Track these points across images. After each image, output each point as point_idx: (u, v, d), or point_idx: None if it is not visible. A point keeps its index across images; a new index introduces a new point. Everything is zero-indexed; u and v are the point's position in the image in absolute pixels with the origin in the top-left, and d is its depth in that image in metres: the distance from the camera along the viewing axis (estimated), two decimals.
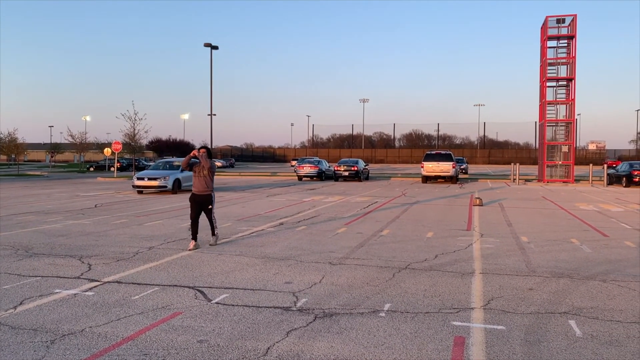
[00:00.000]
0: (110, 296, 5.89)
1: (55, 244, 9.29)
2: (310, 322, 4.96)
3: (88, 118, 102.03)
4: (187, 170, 9.50)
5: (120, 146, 39.06)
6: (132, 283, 6.50)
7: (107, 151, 41.18)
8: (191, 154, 9.17)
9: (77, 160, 64.13)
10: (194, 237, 9.08)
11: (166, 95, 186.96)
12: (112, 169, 46.96)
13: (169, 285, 6.37)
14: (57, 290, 6.12)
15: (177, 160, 24.01)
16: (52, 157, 66.76)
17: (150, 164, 36.61)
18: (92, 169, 54.44)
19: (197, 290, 6.17)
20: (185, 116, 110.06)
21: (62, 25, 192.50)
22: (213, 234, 9.44)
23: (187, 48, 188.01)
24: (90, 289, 6.22)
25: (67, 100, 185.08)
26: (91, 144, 55.66)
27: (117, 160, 42.86)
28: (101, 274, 6.96)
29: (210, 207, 9.33)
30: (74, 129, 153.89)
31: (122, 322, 4.97)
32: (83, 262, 7.73)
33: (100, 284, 6.44)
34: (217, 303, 5.62)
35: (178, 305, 5.53)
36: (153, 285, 6.40)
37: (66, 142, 54.72)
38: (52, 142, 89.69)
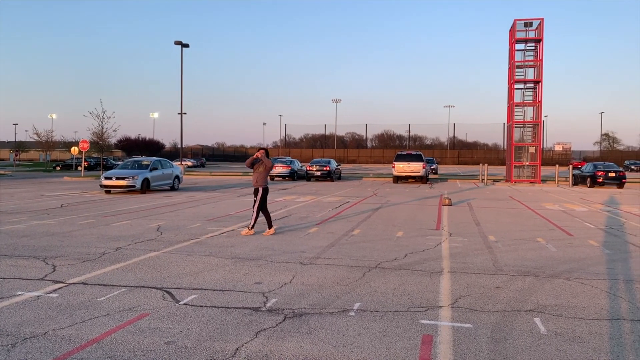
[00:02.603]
0: (75, 298, 5.76)
1: (18, 245, 9.04)
2: (280, 323, 4.94)
3: (54, 116, 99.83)
4: (250, 168, 10.72)
5: (87, 145, 38.26)
6: (98, 284, 6.37)
7: (74, 150, 40.28)
8: (254, 156, 10.62)
9: (42, 159, 62.59)
10: (269, 226, 10.46)
11: (136, 94, 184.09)
12: (79, 168, 45.92)
13: (136, 287, 6.27)
14: (19, 293, 5.95)
15: (146, 160, 23.65)
16: (16, 156, 64.84)
17: (119, 163, 35.90)
18: (58, 168, 53.07)
19: (165, 291, 6.08)
20: (155, 115, 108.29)
21: (28, 22, 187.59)
22: (269, 226, 10.47)
23: (157, 46, 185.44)
24: (55, 290, 6.07)
25: (33, 97, 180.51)
26: (58, 142, 54.28)
27: (85, 159, 41.97)
28: (66, 275, 6.80)
29: (255, 199, 10.41)
30: (40, 127, 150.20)
31: (87, 324, 4.87)
32: (47, 264, 7.54)
33: (65, 286, 6.29)
34: (185, 304, 5.55)
35: (145, 307, 5.44)
36: (120, 286, 6.28)
37: (31, 140, 53.38)
38: (17, 140, 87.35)
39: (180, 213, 14.14)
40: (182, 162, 39.97)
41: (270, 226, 10.48)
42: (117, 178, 20.91)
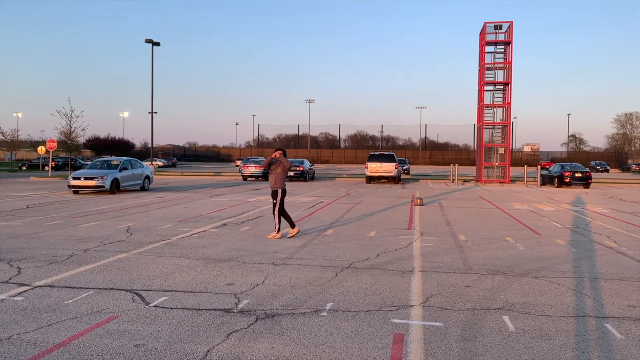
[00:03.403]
0: (41, 301, 5.62)
1: None
2: (252, 324, 4.92)
3: (20, 114, 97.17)
4: (267, 170, 10.54)
5: (55, 144, 37.38)
6: (66, 287, 6.23)
7: (41, 149, 39.33)
8: (272, 156, 10.31)
9: (8, 158, 60.83)
10: (291, 226, 10.23)
11: (105, 93, 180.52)
12: (46, 168, 44.90)
13: (105, 289, 6.15)
14: None
15: (116, 159, 23.23)
16: None
17: (88, 163, 35.18)
18: (24, 168, 51.72)
19: (135, 293, 5.99)
20: (125, 114, 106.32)
21: None
22: (292, 226, 10.23)
23: (128, 44, 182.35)
24: (20, 293, 5.91)
25: None
26: (24, 141, 52.99)
27: (52, 159, 41.00)
28: (32, 278, 6.63)
29: (274, 202, 10.17)
30: (5, 125, 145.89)
31: (53, 327, 4.75)
32: (12, 266, 7.34)
33: (31, 289, 6.13)
34: (155, 306, 5.48)
35: (114, 309, 5.34)
36: (88, 288, 6.16)
37: None
38: None
39: (150, 214, 13.94)
40: (153, 162, 39.45)
41: (293, 225, 10.24)
42: (86, 178, 20.49)
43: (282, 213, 10.24)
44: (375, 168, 30.43)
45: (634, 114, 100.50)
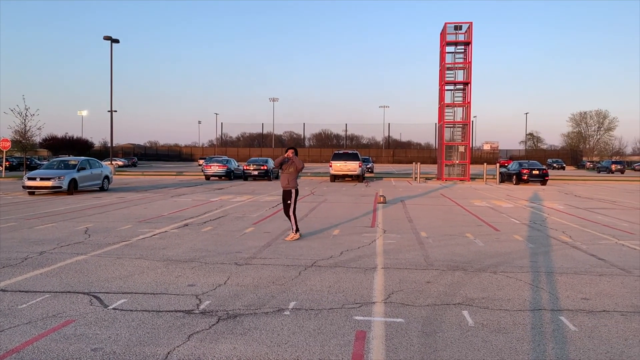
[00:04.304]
0: None
1: None
2: (213, 325, 4.86)
3: None
4: (278, 169, 10.18)
5: (9, 144, 36.05)
6: (19, 291, 6.02)
7: None
8: (284, 156, 10.08)
9: None
10: (294, 230, 9.92)
11: (63, 91, 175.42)
12: None
13: (62, 292, 5.98)
14: None
15: (74, 159, 22.60)
16: None
17: (44, 163, 34.09)
18: None
19: (93, 296, 5.84)
20: (84, 113, 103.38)
21: None
22: (296, 230, 9.93)
23: (86, 41, 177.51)
24: None
25: None
26: None
27: (6, 159, 39.54)
28: None
29: (288, 202, 9.93)
30: None
31: (5, 333, 4.59)
32: None
33: None
34: (114, 309, 5.35)
35: (71, 313, 5.19)
36: (43, 292, 5.97)
37: None
38: None
39: (109, 214, 13.62)
40: (113, 162, 38.56)
41: (296, 230, 9.96)
42: (42, 179, 19.86)
43: (287, 214, 9.99)
44: (340, 167, 30.56)
45: (588, 112, 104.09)
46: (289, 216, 9.97)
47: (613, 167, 58.56)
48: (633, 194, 23.71)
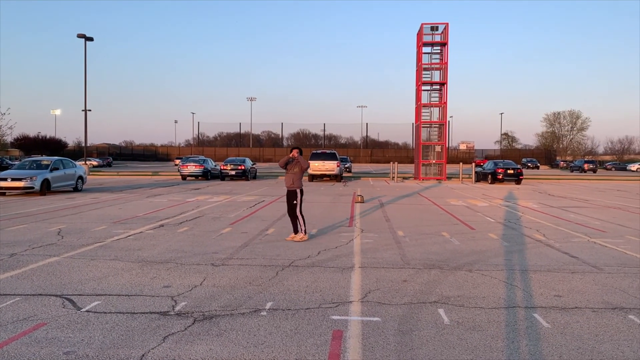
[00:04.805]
0: None
1: None
2: (189, 326, 4.81)
3: None
4: (283, 169, 9.99)
5: None
6: None
7: None
8: (289, 156, 9.93)
9: None
10: (294, 231, 9.82)
11: (35, 90, 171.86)
12: None
13: (33, 295, 5.85)
14: None
15: (47, 159, 22.15)
16: None
17: (16, 163, 33.38)
18: None
19: (65, 298, 5.73)
20: (57, 112, 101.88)
21: None
22: (295, 231, 9.82)
23: (60, 39, 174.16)
24: None
25: None
26: None
27: None
28: None
29: (294, 202, 9.79)
30: None
31: None
32: None
33: None
34: (87, 311, 5.26)
35: (43, 316, 5.09)
36: (14, 295, 5.83)
37: None
38: None
39: (83, 215, 13.39)
40: (87, 162, 37.94)
41: (295, 231, 9.82)
42: (13, 179, 19.43)
43: (290, 214, 9.87)
44: (318, 166, 30.58)
45: (562, 113, 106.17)
46: (294, 217, 9.80)
47: (586, 166, 59.88)
48: (605, 193, 24.25)
